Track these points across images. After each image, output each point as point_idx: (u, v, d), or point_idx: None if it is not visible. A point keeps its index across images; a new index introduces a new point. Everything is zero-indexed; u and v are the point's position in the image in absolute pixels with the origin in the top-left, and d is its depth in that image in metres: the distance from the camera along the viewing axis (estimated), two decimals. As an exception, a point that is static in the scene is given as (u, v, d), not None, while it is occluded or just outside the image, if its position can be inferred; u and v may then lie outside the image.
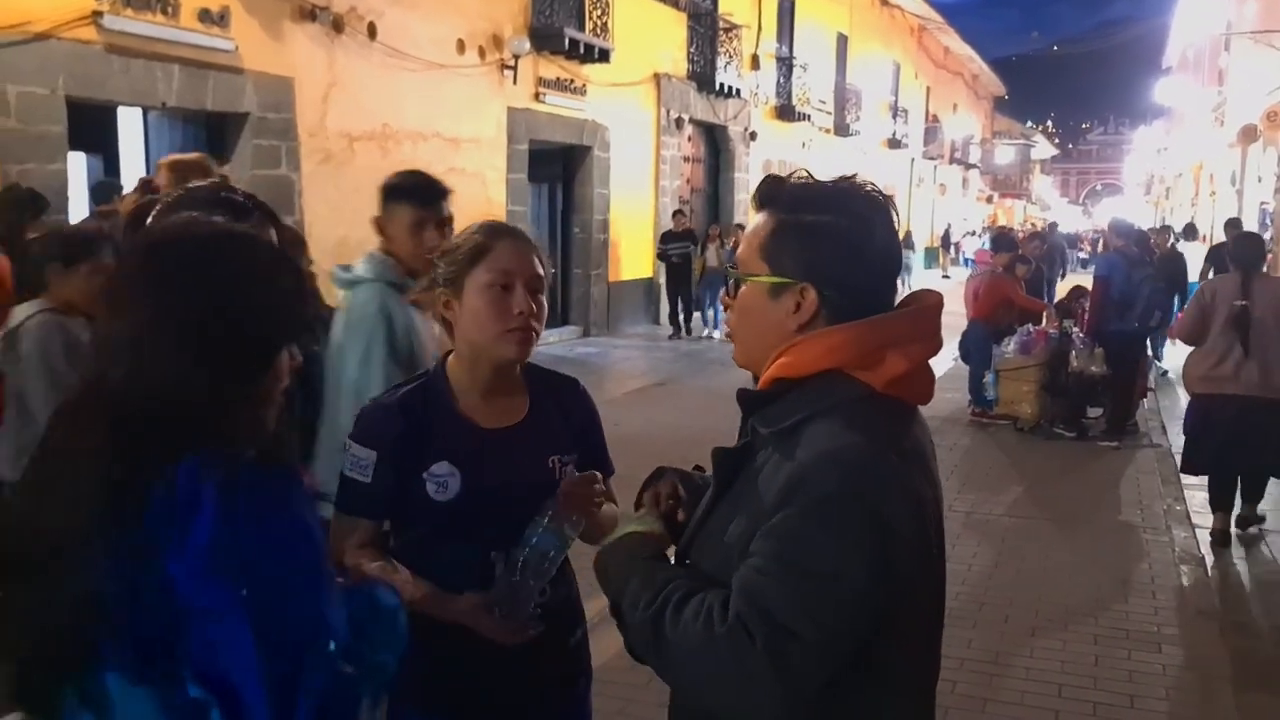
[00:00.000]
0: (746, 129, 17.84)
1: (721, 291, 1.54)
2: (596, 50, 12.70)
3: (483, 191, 11.24)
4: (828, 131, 21.60)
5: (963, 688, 3.75)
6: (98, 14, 6.95)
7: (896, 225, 1.38)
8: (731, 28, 16.58)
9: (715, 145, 17.70)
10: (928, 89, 30.87)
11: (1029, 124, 56.40)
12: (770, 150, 18.65)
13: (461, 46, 10.85)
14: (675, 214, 14.39)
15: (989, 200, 43.35)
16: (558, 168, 13.64)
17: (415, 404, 1.78)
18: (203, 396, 1.11)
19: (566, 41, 12.08)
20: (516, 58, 11.53)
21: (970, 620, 4.35)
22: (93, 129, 7.71)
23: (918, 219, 28.74)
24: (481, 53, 11.18)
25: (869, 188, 1.37)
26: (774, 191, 1.39)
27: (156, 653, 1.06)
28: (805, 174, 1.40)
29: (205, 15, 7.78)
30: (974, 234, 34.76)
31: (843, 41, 22.73)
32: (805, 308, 1.32)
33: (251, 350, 1.16)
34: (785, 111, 19.22)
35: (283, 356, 1.21)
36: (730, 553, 1.28)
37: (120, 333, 1.13)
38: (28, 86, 6.61)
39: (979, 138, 39.51)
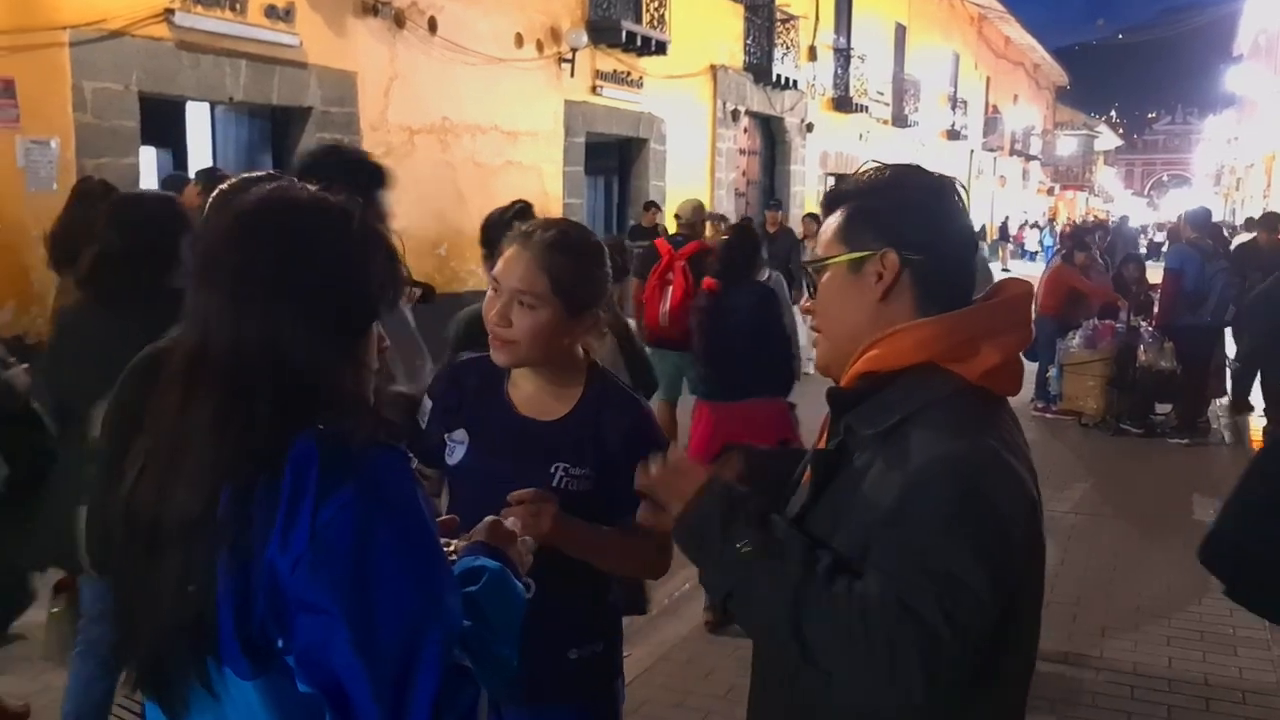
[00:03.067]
0: (803, 121, 17.66)
1: (805, 299, 1.53)
2: (653, 42, 12.68)
3: (539, 184, 11.29)
4: (885, 123, 21.30)
5: (1032, 687, 3.67)
6: (169, 11, 7.11)
7: (963, 202, 1.38)
8: (789, 19, 16.42)
9: (771, 137, 17.55)
10: (988, 79, 30.27)
11: (1092, 114, 55.08)
12: (827, 142, 18.45)
13: (520, 40, 10.91)
14: (647, 205, 11.92)
15: (1050, 192, 42.42)
16: (614, 160, 13.65)
17: (471, 372, 1.85)
18: (309, 363, 1.07)
19: (623, 34, 12.08)
20: (574, 51, 11.55)
21: (1037, 618, 4.27)
22: (162, 123, 7.91)
23: (977, 211, 28.23)
24: (539, 46, 11.23)
25: (930, 172, 1.39)
26: (839, 189, 1.42)
27: (267, 646, 1.02)
28: (872, 162, 1.42)
29: (271, 11, 7.92)
30: (1034, 226, 34.09)
31: (901, 32, 22.38)
32: (888, 273, 1.30)
33: (348, 318, 1.12)
34: (842, 103, 18.98)
35: (374, 330, 1.18)
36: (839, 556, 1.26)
37: (217, 301, 1.09)
38: (103, 82, 6.79)
39: (1040, 129, 38.65)
